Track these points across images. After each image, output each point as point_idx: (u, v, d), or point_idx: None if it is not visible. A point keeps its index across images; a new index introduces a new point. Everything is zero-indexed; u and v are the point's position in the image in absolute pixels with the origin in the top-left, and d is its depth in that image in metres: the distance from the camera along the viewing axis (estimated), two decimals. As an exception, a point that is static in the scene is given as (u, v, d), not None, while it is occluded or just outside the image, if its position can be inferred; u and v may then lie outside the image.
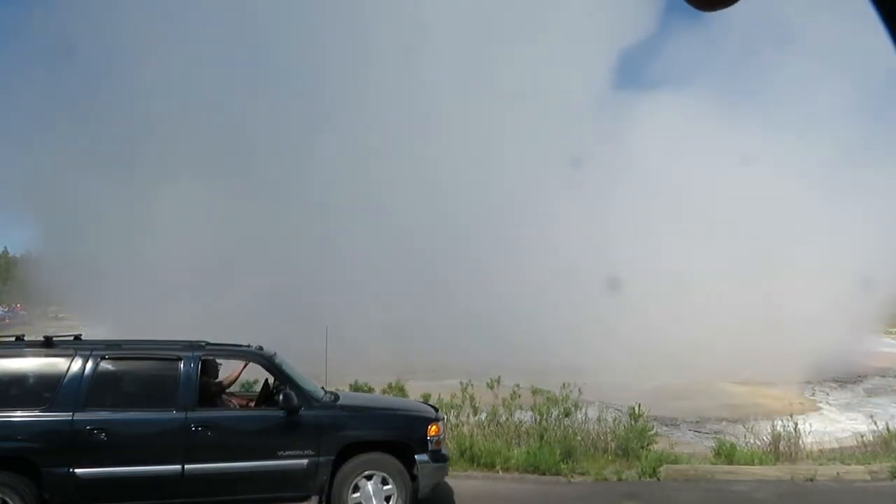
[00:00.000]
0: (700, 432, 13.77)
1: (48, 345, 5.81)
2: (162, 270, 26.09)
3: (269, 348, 6.58)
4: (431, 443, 6.26)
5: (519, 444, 9.28)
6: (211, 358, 6.33)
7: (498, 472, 8.44)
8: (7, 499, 5.22)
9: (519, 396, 10.20)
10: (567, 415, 9.70)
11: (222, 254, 27.05)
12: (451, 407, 9.94)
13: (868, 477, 8.07)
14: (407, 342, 22.11)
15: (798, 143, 30.17)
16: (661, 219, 27.31)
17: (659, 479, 8.21)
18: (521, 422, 9.83)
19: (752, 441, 9.44)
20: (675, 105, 32.39)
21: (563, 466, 8.35)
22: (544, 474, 8.30)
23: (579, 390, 9.99)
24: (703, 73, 43.17)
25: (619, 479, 8.21)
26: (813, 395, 19.66)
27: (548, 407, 9.80)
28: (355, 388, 9.98)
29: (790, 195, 27.42)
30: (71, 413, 5.47)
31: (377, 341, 21.85)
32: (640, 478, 8.25)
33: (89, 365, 5.67)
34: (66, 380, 5.58)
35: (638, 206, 27.87)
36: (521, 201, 28.72)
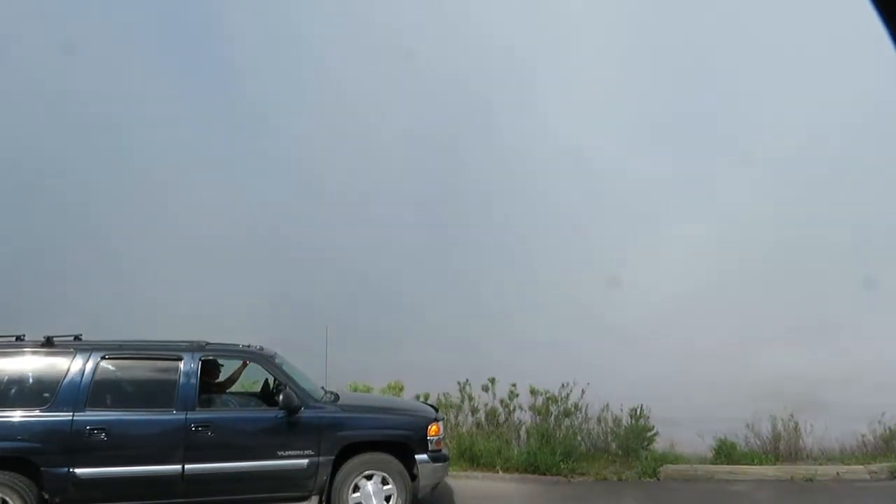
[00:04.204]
0: (700, 432, 13.73)
1: (48, 345, 5.82)
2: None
3: (269, 348, 6.59)
4: (431, 443, 6.28)
5: (519, 444, 9.29)
6: (211, 358, 6.35)
7: (498, 472, 8.46)
8: (7, 498, 5.23)
9: (517, 396, 10.19)
10: (567, 415, 9.70)
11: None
12: (451, 407, 9.94)
13: (868, 477, 8.08)
14: (405, 341, 22.05)
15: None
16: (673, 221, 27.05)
17: (659, 479, 8.23)
18: (520, 422, 9.82)
19: (752, 441, 9.44)
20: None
21: (563, 466, 8.37)
22: (544, 474, 8.33)
23: (582, 391, 9.99)
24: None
25: (619, 479, 8.23)
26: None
27: (547, 406, 9.80)
28: (354, 388, 9.97)
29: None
30: (71, 413, 5.48)
31: (377, 340, 21.78)
32: (640, 478, 8.27)
33: (89, 365, 5.68)
34: (66, 380, 5.59)
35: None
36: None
